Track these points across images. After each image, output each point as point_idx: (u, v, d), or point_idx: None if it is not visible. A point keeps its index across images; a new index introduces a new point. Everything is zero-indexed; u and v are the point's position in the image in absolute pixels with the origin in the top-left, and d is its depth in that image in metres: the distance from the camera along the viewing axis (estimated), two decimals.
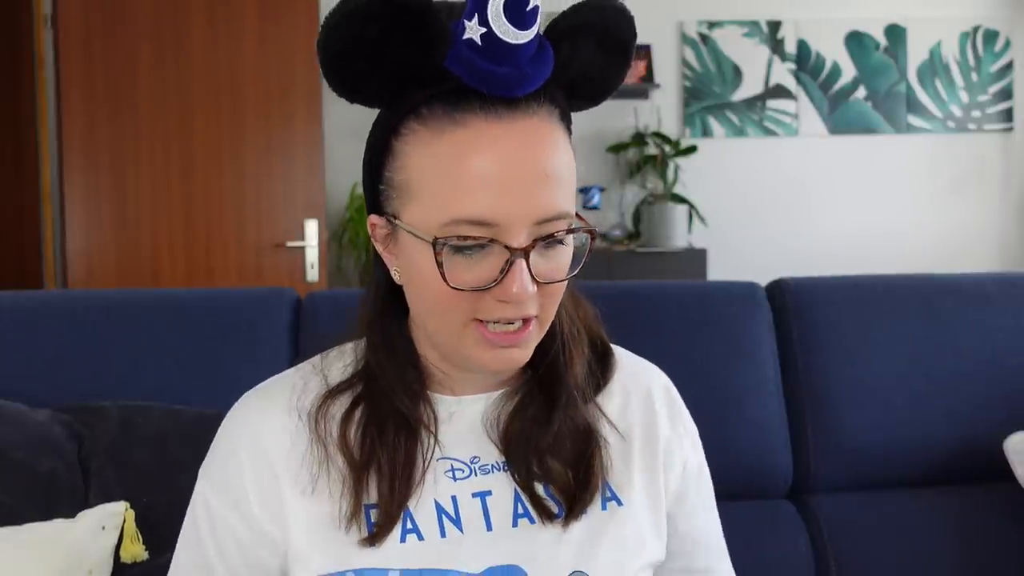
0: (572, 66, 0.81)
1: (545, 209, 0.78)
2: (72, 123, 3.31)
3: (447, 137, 0.78)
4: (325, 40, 0.77)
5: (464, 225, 0.77)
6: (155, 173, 3.38)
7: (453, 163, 0.77)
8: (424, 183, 0.79)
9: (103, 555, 1.22)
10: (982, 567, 1.48)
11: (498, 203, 0.77)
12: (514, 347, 0.82)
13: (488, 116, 0.77)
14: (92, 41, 3.31)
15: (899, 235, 4.15)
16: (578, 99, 0.85)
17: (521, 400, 0.88)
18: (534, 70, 0.78)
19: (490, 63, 0.76)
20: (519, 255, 0.77)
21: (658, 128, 3.96)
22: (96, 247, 3.37)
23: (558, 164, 0.79)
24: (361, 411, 0.86)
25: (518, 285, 0.77)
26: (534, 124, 0.79)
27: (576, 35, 0.81)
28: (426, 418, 0.86)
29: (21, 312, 1.47)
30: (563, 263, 0.81)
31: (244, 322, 1.47)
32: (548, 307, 0.82)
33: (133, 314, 1.48)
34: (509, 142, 0.77)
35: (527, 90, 0.78)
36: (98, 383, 1.42)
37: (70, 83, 3.30)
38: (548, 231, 0.79)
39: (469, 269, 0.78)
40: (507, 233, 0.77)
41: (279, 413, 0.87)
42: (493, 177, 0.77)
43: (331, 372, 0.89)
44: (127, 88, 3.35)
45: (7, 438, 1.29)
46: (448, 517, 0.84)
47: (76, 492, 1.30)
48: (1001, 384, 1.54)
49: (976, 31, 4.21)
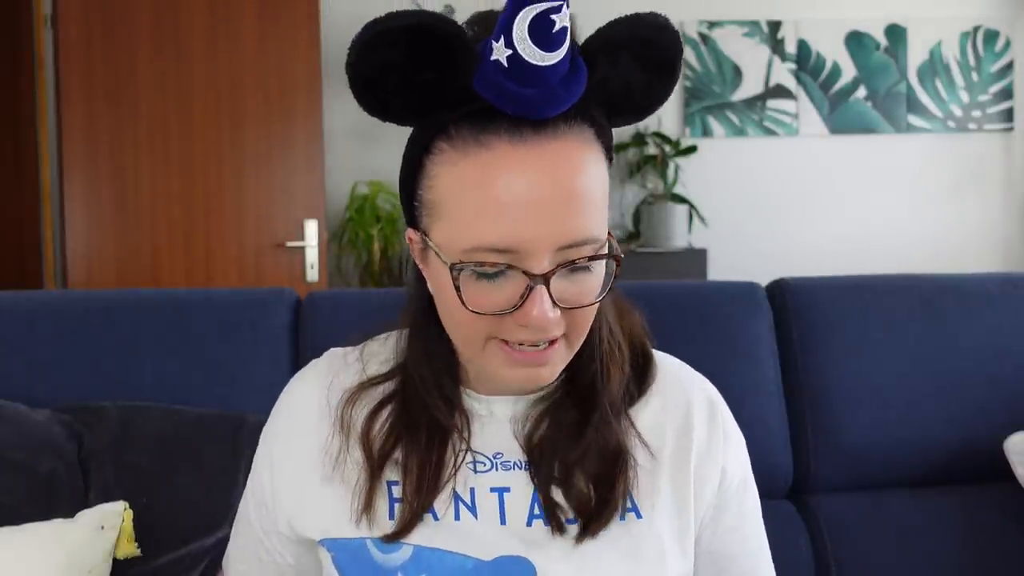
0: (611, 82, 0.79)
1: (569, 235, 0.76)
2: (72, 123, 3.31)
3: (472, 159, 0.76)
4: (354, 63, 0.76)
5: (484, 252, 0.76)
6: (155, 173, 3.38)
7: (476, 186, 0.76)
8: (450, 204, 0.78)
9: (103, 555, 1.22)
10: (982, 567, 1.48)
11: (519, 229, 0.75)
12: (540, 366, 0.81)
13: (513, 138, 0.76)
14: (92, 41, 3.31)
15: (899, 235, 4.15)
16: (620, 115, 0.83)
17: (553, 406, 0.88)
18: (565, 90, 0.76)
19: (517, 85, 0.74)
20: (539, 281, 0.76)
21: (658, 128, 3.96)
22: (96, 247, 3.37)
23: (586, 186, 0.77)
24: (392, 408, 0.87)
25: (538, 310, 0.76)
26: (561, 146, 0.77)
27: (613, 52, 0.78)
28: (459, 423, 0.87)
29: (21, 312, 1.47)
30: (590, 287, 0.80)
31: (244, 322, 1.47)
32: (578, 328, 0.81)
33: (133, 314, 1.48)
34: (533, 164, 0.76)
35: (555, 111, 0.76)
36: (98, 383, 1.42)
37: (70, 83, 3.30)
38: (572, 257, 0.77)
39: (489, 293, 0.77)
40: (528, 259, 0.76)
41: (316, 391, 0.91)
42: (515, 202, 0.75)
43: (370, 363, 0.91)
44: (127, 88, 3.34)
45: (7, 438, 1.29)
46: (465, 505, 0.85)
47: (76, 492, 1.30)
48: (1001, 384, 1.54)
49: (976, 31, 4.21)
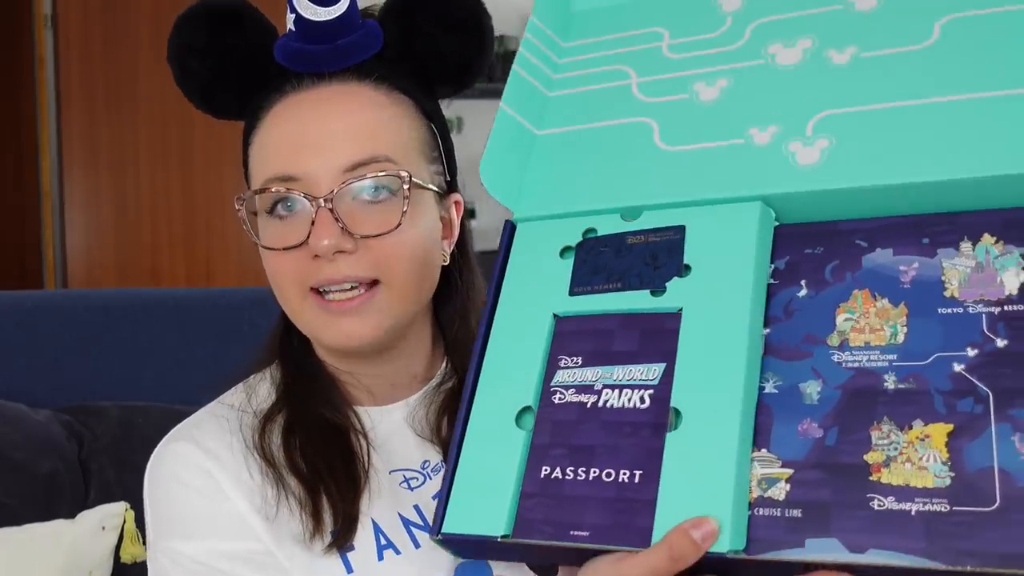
0: (416, 45, 0.81)
1: (349, 156, 0.77)
2: (72, 123, 3.31)
3: (269, 116, 0.81)
4: (169, 56, 0.82)
5: (270, 183, 0.79)
6: (155, 173, 3.38)
7: (268, 132, 0.81)
8: (253, 161, 0.83)
9: (103, 556, 1.22)
10: None
11: (298, 156, 0.77)
12: (353, 316, 0.78)
13: (301, 88, 0.80)
14: (92, 41, 3.31)
15: None
16: (444, 82, 0.84)
17: (440, 393, 0.87)
18: (352, 46, 0.79)
19: (303, 43, 0.78)
20: (321, 203, 0.76)
21: None
22: (96, 247, 3.37)
23: (370, 119, 0.79)
24: (296, 429, 0.83)
25: (324, 235, 0.75)
26: (349, 89, 0.80)
27: (405, 12, 0.81)
28: (353, 422, 0.84)
29: (21, 312, 1.47)
30: (390, 217, 0.77)
31: (244, 322, 1.48)
32: (392, 268, 0.78)
33: (133, 314, 1.48)
34: (317, 103, 0.79)
35: (339, 65, 0.79)
36: (98, 383, 1.42)
37: (70, 83, 3.30)
38: (357, 176, 0.77)
39: (281, 230, 0.79)
40: (311, 185, 0.77)
41: (218, 447, 0.81)
42: (296, 133, 0.78)
43: (258, 399, 0.86)
44: (127, 88, 3.34)
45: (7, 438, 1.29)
46: (416, 527, 0.82)
47: (76, 492, 1.30)
48: None
49: None
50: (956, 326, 0.57)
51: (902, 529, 0.53)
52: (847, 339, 0.60)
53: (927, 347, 0.58)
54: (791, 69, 0.69)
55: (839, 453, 0.57)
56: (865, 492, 0.55)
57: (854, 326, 0.60)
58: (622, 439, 0.61)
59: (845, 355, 0.60)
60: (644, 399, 0.62)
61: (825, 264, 0.63)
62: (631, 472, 0.60)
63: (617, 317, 0.66)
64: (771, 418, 0.59)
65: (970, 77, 0.62)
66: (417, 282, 0.81)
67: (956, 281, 0.59)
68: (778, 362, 0.61)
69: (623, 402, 0.62)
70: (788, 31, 0.71)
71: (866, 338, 0.60)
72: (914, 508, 0.54)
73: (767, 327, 0.63)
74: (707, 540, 0.55)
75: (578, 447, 0.62)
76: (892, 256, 0.61)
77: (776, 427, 0.59)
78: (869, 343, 0.59)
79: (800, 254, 0.64)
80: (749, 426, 0.59)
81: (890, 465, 0.55)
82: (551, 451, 0.63)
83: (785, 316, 0.63)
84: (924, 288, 0.59)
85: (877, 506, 0.54)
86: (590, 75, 0.78)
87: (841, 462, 0.56)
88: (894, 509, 0.54)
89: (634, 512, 0.58)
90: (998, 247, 0.59)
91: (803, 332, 0.61)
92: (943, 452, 0.54)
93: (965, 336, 0.57)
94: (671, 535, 0.55)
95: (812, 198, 0.63)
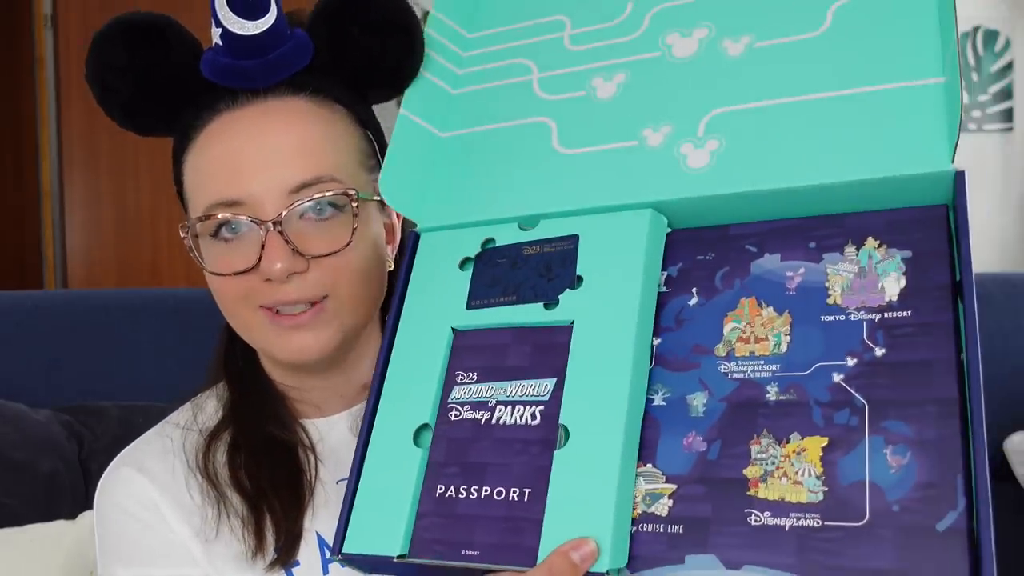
0: (348, 53, 0.78)
1: (294, 175, 0.75)
2: (72, 123, 3.31)
3: (202, 136, 0.78)
4: (87, 76, 0.79)
5: (214, 209, 0.76)
6: (155, 173, 3.37)
7: (203, 153, 0.78)
8: (191, 183, 0.79)
9: None
10: None
11: (241, 179, 0.75)
12: (305, 330, 0.78)
13: (235, 105, 0.77)
14: None
15: None
16: (376, 87, 0.81)
17: None
18: (282, 60, 0.76)
19: (233, 58, 0.76)
20: (269, 227, 0.74)
21: None
22: (96, 247, 3.37)
23: (311, 136, 0.77)
24: (241, 446, 0.83)
25: (276, 259, 0.74)
26: (283, 104, 0.78)
27: (331, 21, 0.78)
28: (301, 437, 0.84)
29: (21, 312, 1.47)
30: (340, 235, 0.77)
31: None
32: (343, 284, 0.78)
33: (133, 314, 1.48)
34: (254, 122, 0.76)
35: (272, 80, 0.77)
36: (98, 383, 1.42)
37: (70, 83, 3.30)
38: (304, 198, 0.76)
39: (228, 255, 0.77)
40: (257, 208, 0.75)
41: (161, 470, 0.83)
42: (236, 156, 0.76)
43: (204, 417, 0.86)
44: None
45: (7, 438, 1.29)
46: None
47: (76, 492, 1.30)
48: (1001, 384, 1.54)
49: (976, 31, 4.21)
50: (837, 334, 0.56)
51: (776, 545, 0.53)
52: (733, 349, 0.59)
53: (809, 357, 0.56)
54: (686, 62, 0.68)
55: (720, 467, 0.56)
56: (743, 507, 0.54)
57: (740, 335, 0.59)
58: (513, 457, 0.60)
59: (731, 365, 0.58)
60: (535, 415, 0.61)
61: (716, 271, 0.62)
62: (520, 490, 0.59)
63: (511, 331, 0.65)
64: (658, 432, 0.59)
65: (860, 70, 0.61)
66: (367, 293, 0.81)
67: (839, 287, 0.58)
68: (668, 373, 0.60)
69: (515, 419, 0.62)
70: (686, 19, 0.70)
71: (751, 348, 0.58)
72: (788, 523, 0.53)
73: (658, 337, 0.62)
74: (586, 561, 0.55)
75: (471, 465, 0.62)
76: (780, 262, 0.60)
77: (663, 441, 0.58)
78: (754, 353, 0.58)
79: (692, 260, 0.63)
80: (634, 442, 0.58)
81: (767, 480, 0.54)
82: (446, 469, 0.63)
83: (676, 325, 0.62)
84: (808, 295, 0.58)
85: (754, 521, 0.54)
86: (493, 70, 0.76)
87: (721, 476, 0.56)
88: (769, 525, 0.53)
89: (522, 531, 0.58)
90: (881, 251, 0.58)
91: (692, 342, 0.60)
92: (818, 466, 0.53)
93: (845, 344, 0.56)
94: (552, 557, 0.55)
95: (702, 203, 0.62)
